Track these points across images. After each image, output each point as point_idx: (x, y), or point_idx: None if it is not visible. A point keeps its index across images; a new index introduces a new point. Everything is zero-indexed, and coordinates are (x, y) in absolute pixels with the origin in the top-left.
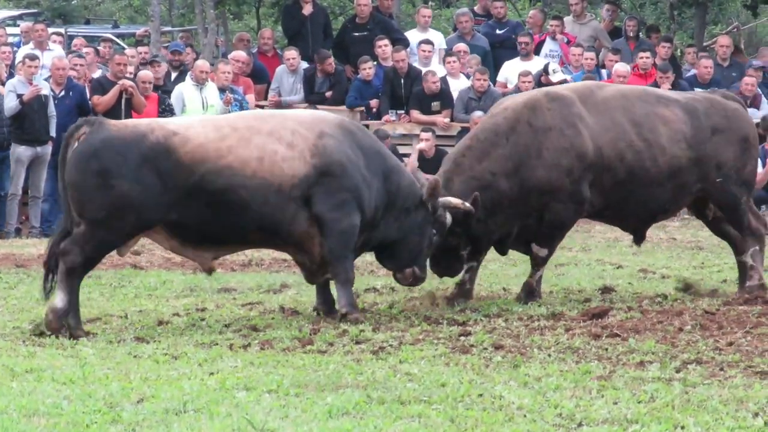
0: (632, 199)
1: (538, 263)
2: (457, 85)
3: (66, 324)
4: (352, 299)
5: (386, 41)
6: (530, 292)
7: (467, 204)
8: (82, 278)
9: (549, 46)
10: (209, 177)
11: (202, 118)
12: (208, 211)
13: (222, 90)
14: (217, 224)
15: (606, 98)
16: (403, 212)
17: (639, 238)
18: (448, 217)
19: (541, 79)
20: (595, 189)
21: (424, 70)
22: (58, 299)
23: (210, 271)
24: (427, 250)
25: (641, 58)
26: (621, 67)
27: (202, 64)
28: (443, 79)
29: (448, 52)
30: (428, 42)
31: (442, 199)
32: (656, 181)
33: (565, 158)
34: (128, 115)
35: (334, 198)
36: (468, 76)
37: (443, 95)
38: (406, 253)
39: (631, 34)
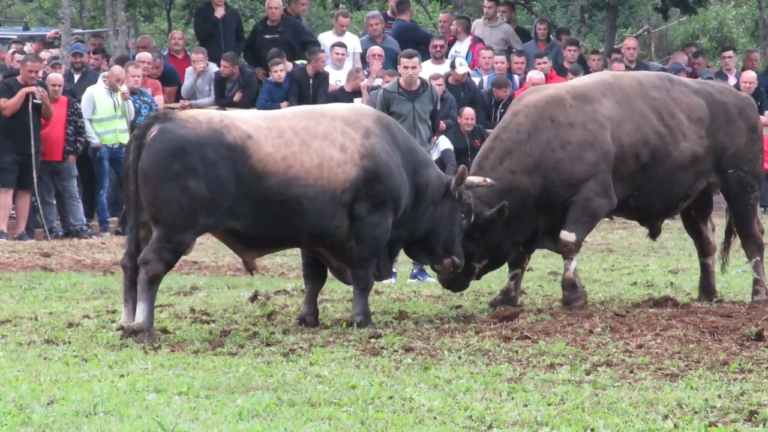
0: (656, 183)
1: (570, 250)
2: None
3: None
4: (367, 308)
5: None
6: (572, 287)
7: (488, 180)
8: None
9: (456, 47)
10: (277, 188)
11: (264, 116)
12: (269, 220)
13: (133, 93)
14: (274, 231)
15: (623, 86)
16: (431, 205)
17: (655, 232)
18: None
19: (449, 79)
20: (619, 177)
21: (336, 72)
22: (140, 312)
23: (252, 270)
24: (459, 236)
25: (538, 63)
26: (535, 75)
27: (119, 71)
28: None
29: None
30: (341, 45)
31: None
32: (679, 165)
33: (589, 152)
34: (36, 120)
35: (376, 201)
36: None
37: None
38: (439, 245)
39: (542, 38)
